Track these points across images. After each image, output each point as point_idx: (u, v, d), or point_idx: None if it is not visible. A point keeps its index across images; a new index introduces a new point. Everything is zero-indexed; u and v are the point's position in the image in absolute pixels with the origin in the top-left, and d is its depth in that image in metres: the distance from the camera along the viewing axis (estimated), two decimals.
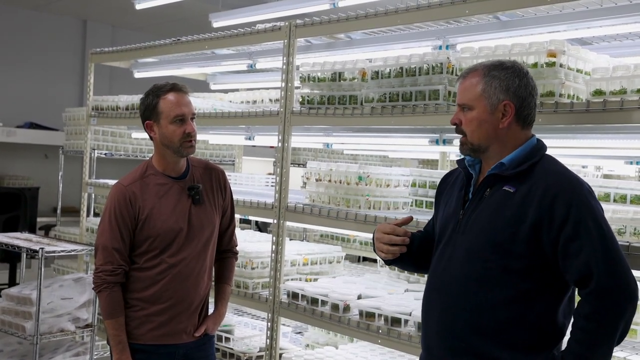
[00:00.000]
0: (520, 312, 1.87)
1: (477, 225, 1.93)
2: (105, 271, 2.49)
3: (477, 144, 1.98)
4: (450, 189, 2.12)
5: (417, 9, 2.94)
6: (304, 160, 5.91)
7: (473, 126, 1.97)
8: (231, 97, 5.07)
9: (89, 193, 5.00)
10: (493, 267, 1.89)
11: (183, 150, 2.54)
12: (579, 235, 1.81)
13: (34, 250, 3.63)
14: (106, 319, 2.51)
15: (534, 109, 1.99)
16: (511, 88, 1.94)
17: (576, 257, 1.81)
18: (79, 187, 5.13)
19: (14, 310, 3.66)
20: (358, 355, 3.35)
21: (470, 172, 2.04)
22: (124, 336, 2.49)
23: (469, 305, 1.91)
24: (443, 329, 1.96)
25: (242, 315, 4.43)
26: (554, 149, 3.32)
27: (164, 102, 2.53)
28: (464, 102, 1.99)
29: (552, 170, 1.91)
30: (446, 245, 2.01)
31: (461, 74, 2.04)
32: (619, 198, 2.66)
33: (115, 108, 4.76)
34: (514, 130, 1.96)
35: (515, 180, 1.91)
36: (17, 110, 8.49)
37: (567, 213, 1.82)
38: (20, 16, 8.69)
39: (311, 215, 3.29)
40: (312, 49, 3.81)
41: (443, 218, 2.07)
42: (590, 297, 1.81)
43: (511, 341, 1.87)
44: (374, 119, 3.04)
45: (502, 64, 1.98)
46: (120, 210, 2.49)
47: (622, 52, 3.13)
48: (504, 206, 1.89)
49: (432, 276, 2.05)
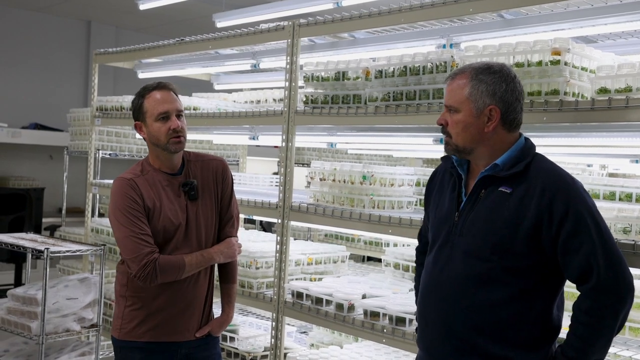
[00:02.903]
0: (521, 309, 1.89)
1: (475, 227, 1.94)
2: (142, 258, 2.41)
3: (462, 146, 1.99)
4: (439, 189, 2.13)
5: (421, 7, 2.93)
6: (308, 160, 5.91)
7: (458, 129, 1.98)
8: (235, 97, 5.07)
9: (94, 193, 5.01)
10: (493, 267, 1.90)
11: (170, 146, 2.52)
12: (578, 231, 1.83)
13: (39, 250, 3.64)
14: (188, 272, 2.50)
15: (520, 113, 2.01)
16: (497, 93, 1.95)
17: (576, 253, 1.84)
18: (83, 187, 5.14)
19: (19, 311, 3.67)
20: (363, 355, 3.35)
21: (460, 172, 2.05)
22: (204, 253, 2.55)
23: (469, 305, 1.92)
24: (444, 330, 1.97)
25: (247, 315, 4.43)
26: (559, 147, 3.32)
27: (148, 100, 2.54)
28: (450, 104, 2.01)
29: (546, 170, 1.93)
30: (442, 247, 2.02)
31: (449, 75, 2.06)
32: (625, 197, 2.65)
33: (120, 108, 4.77)
34: (500, 134, 1.98)
35: (511, 181, 1.93)
36: (22, 111, 8.52)
37: (566, 211, 1.84)
38: (25, 18, 8.71)
39: (315, 215, 3.29)
40: (316, 49, 3.81)
41: (436, 219, 2.08)
42: (592, 292, 1.83)
43: (513, 339, 1.89)
44: (377, 118, 3.04)
45: (490, 68, 1.98)
46: (131, 197, 2.47)
47: (627, 49, 3.11)
48: (501, 207, 1.91)
49: (428, 277, 2.06)
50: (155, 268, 2.42)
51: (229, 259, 2.67)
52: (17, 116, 8.32)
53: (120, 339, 2.57)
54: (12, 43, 8.63)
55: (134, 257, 2.44)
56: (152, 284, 2.46)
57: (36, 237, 4.18)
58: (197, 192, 2.59)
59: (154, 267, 2.42)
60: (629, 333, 2.67)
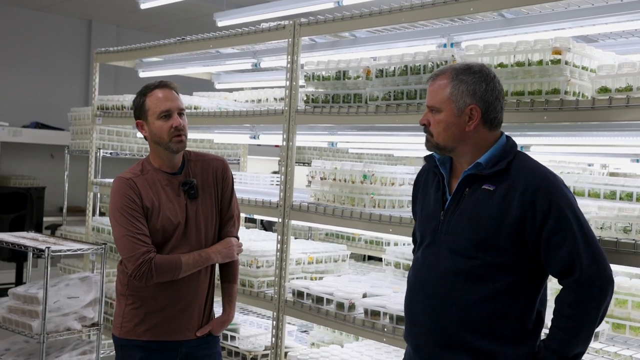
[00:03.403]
0: (506, 305, 1.93)
1: (460, 225, 1.98)
2: (138, 258, 2.41)
3: (443, 145, 2.03)
4: (424, 189, 2.16)
5: (422, 6, 2.93)
6: (309, 159, 5.92)
7: (440, 128, 2.02)
8: (236, 96, 5.08)
9: (95, 192, 5.01)
10: (478, 264, 1.94)
11: (172, 145, 2.53)
12: (561, 227, 1.88)
13: (40, 249, 3.64)
14: (185, 272, 2.50)
15: (500, 112, 2.04)
16: (478, 92, 1.99)
17: (559, 248, 1.88)
18: (84, 186, 5.15)
19: (20, 309, 3.68)
20: (363, 354, 3.35)
21: (442, 171, 2.08)
22: (202, 252, 2.54)
23: (456, 302, 1.96)
24: (432, 326, 2.00)
25: (248, 314, 4.43)
26: (560, 147, 3.32)
27: (150, 99, 2.55)
28: (432, 104, 2.04)
29: (528, 167, 1.97)
30: (429, 246, 2.06)
31: (431, 76, 2.09)
32: (625, 196, 2.65)
33: (121, 107, 4.78)
34: (481, 133, 2.01)
35: (494, 179, 1.96)
36: (23, 110, 8.52)
37: (548, 207, 1.89)
38: (26, 17, 8.72)
39: (316, 214, 3.29)
40: (317, 48, 3.81)
41: (422, 219, 2.12)
42: (574, 285, 1.88)
43: (499, 334, 1.93)
44: (378, 117, 3.04)
45: (470, 68, 2.02)
46: (130, 197, 2.48)
47: (628, 49, 3.11)
48: (485, 204, 1.95)
49: (415, 276, 2.10)
50: (151, 267, 2.43)
51: (227, 259, 2.66)
52: (18, 115, 8.33)
53: (121, 338, 2.57)
54: (13, 42, 8.64)
55: (130, 256, 2.44)
56: (147, 283, 2.46)
57: (37, 236, 4.19)
58: (197, 191, 2.59)
59: (150, 266, 2.43)
60: (630, 332, 2.67)
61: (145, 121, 2.57)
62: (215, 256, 2.60)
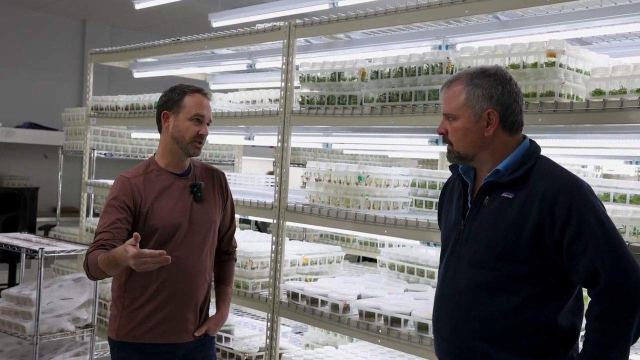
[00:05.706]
0: (530, 317, 1.85)
1: (479, 234, 1.93)
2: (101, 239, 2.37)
3: (464, 153, 1.97)
4: (449, 199, 2.12)
5: (417, 8, 2.94)
6: (304, 160, 5.91)
7: (458, 135, 1.96)
8: (231, 97, 5.06)
9: (89, 193, 5.00)
10: (499, 275, 1.88)
11: (190, 148, 2.58)
12: (582, 234, 1.80)
13: (33, 250, 3.63)
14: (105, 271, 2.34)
15: (519, 114, 1.98)
16: (494, 96, 1.93)
17: (582, 257, 1.80)
18: (78, 187, 5.13)
19: (13, 311, 3.66)
20: (358, 355, 3.35)
21: (466, 180, 2.03)
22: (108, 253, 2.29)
23: (478, 315, 1.90)
24: (454, 338, 1.96)
25: (242, 315, 4.43)
26: (554, 149, 3.33)
27: (190, 98, 2.59)
28: (448, 112, 1.99)
29: (548, 173, 1.90)
30: (451, 256, 2.01)
31: (445, 83, 2.03)
32: (619, 198, 2.66)
33: (115, 108, 4.76)
34: (501, 137, 1.95)
35: (513, 186, 1.90)
36: (17, 110, 8.48)
37: (568, 213, 1.81)
38: (20, 16, 8.68)
39: (311, 215, 3.29)
40: (312, 49, 3.81)
41: (446, 229, 2.08)
42: (599, 297, 1.79)
43: (524, 347, 1.86)
44: (373, 118, 3.04)
45: (485, 72, 1.97)
46: (124, 195, 2.50)
47: (621, 52, 3.13)
48: (504, 213, 1.89)
49: (440, 287, 2.05)
50: (86, 260, 2.41)
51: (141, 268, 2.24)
52: (12, 115, 8.28)
53: (118, 341, 2.57)
54: (6, 41, 8.59)
55: (98, 230, 2.46)
56: (90, 277, 2.44)
57: (30, 236, 4.17)
58: (203, 194, 2.62)
59: (86, 258, 2.42)
60: None
61: (175, 116, 2.59)
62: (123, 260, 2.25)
